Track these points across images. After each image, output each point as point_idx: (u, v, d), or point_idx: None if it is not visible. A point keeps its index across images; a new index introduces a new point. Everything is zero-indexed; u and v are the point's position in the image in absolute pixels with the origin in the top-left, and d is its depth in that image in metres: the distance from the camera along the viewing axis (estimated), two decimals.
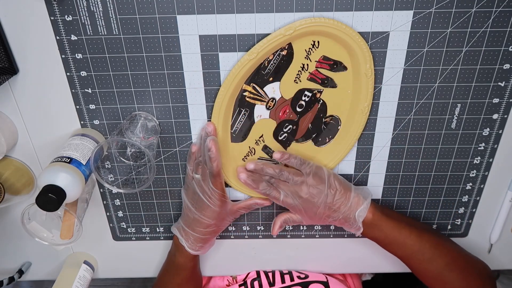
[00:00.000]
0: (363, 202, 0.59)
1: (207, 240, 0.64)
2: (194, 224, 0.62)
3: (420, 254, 0.59)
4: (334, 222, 0.60)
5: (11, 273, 0.72)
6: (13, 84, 0.56)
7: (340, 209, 0.58)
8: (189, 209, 0.61)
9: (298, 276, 0.72)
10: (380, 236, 0.60)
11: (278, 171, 0.57)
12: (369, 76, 0.55)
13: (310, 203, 0.58)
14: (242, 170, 0.59)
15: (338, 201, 0.58)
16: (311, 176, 0.57)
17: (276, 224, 0.63)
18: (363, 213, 0.58)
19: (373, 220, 0.59)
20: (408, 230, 0.59)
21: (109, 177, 0.61)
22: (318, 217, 0.60)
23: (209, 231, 0.62)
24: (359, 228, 0.59)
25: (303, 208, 0.59)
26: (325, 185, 0.58)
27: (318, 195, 0.57)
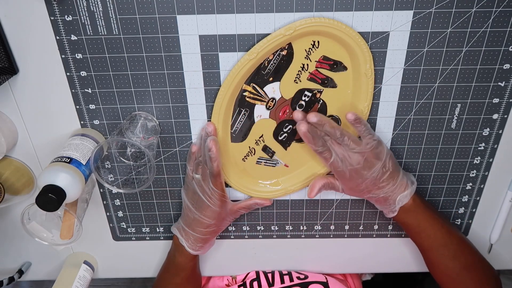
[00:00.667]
0: (408, 188, 0.58)
1: (207, 240, 0.64)
2: (194, 224, 0.62)
3: (446, 249, 0.59)
4: (373, 198, 0.60)
5: (11, 273, 0.72)
6: (13, 84, 0.56)
7: (384, 188, 0.58)
8: (189, 209, 0.61)
9: (297, 277, 0.72)
10: (413, 223, 0.60)
11: (339, 133, 0.54)
12: (369, 76, 0.55)
13: (359, 174, 0.56)
14: (303, 121, 0.53)
15: (385, 181, 0.57)
16: (371, 149, 0.55)
17: (315, 186, 0.60)
18: (405, 198, 0.58)
19: (411, 206, 0.59)
20: (441, 222, 0.60)
21: (109, 177, 0.61)
22: (360, 189, 0.58)
23: (209, 231, 0.62)
24: (394, 211, 0.59)
25: (349, 176, 0.57)
26: (381, 162, 0.56)
27: (369, 169, 0.56)
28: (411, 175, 0.61)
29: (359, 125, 0.54)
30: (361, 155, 0.55)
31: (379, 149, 0.56)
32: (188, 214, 0.62)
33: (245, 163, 0.63)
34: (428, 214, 0.60)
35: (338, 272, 0.77)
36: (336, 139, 0.55)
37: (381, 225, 0.70)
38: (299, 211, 0.68)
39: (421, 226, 0.60)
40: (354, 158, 0.55)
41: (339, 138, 0.54)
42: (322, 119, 0.53)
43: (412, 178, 0.60)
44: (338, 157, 0.56)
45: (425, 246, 0.61)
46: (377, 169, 0.56)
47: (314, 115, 0.53)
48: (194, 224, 0.62)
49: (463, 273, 0.60)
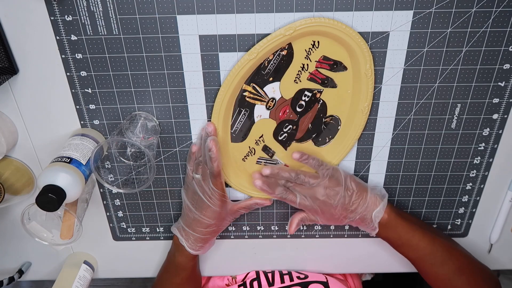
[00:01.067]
0: (380, 202, 0.59)
1: (207, 240, 0.64)
2: (194, 224, 0.62)
3: (432, 257, 0.60)
4: (351, 222, 0.61)
5: (11, 273, 0.72)
6: (13, 84, 0.56)
7: (357, 210, 0.59)
8: (189, 209, 0.61)
9: (297, 277, 0.72)
10: (394, 237, 0.61)
11: (295, 175, 0.58)
12: (369, 76, 0.55)
13: (327, 204, 0.58)
14: (258, 177, 0.59)
15: (355, 202, 0.58)
16: (328, 178, 0.58)
17: (293, 223, 0.63)
18: (380, 213, 0.59)
19: (389, 221, 0.59)
20: (422, 232, 0.60)
21: (109, 177, 0.61)
22: (335, 218, 0.60)
23: (209, 231, 0.62)
24: (375, 228, 0.60)
25: (320, 210, 0.59)
26: (342, 187, 0.58)
27: (334, 197, 0.58)
28: (381, 189, 0.62)
29: (307, 161, 0.58)
30: (322, 187, 0.58)
31: (336, 175, 0.59)
32: (188, 214, 0.62)
33: (245, 163, 0.63)
34: (407, 226, 0.60)
35: (338, 272, 0.77)
36: (295, 181, 0.58)
37: None
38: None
39: (402, 239, 0.60)
40: (317, 192, 0.58)
41: (297, 180, 0.58)
42: (274, 170, 0.58)
43: (382, 192, 0.61)
44: (303, 196, 0.58)
45: (411, 257, 0.62)
46: (341, 194, 0.58)
47: (266, 168, 0.58)
48: (194, 224, 0.62)
49: (455, 277, 0.60)
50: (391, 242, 0.62)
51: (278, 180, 0.59)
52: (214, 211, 0.60)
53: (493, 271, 0.98)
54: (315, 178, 0.58)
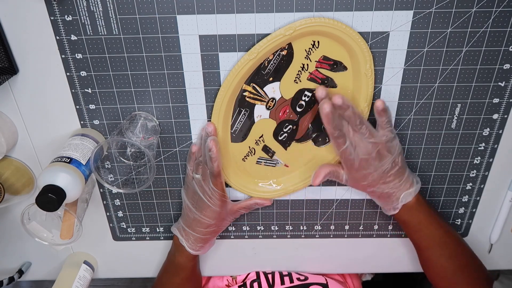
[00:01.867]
0: (413, 186, 0.58)
1: (207, 240, 0.64)
2: (194, 224, 0.62)
3: (443, 248, 0.60)
4: (377, 193, 0.59)
5: (11, 273, 0.72)
6: (13, 84, 0.56)
7: (390, 184, 0.57)
8: (189, 209, 0.61)
9: (297, 278, 0.72)
10: (414, 221, 0.60)
11: (360, 120, 0.53)
12: (369, 76, 0.55)
13: (368, 164, 0.56)
14: (327, 101, 0.52)
15: (392, 176, 0.57)
16: (385, 142, 0.55)
17: (320, 174, 0.58)
18: (409, 196, 0.58)
19: (415, 204, 0.59)
20: (440, 222, 0.60)
21: (109, 177, 0.60)
22: (365, 181, 0.57)
23: (210, 231, 0.62)
24: (396, 209, 0.59)
25: (358, 166, 0.56)
26: (392, 156, 0.56)
27: (379, 161, 0.55)
28: (416, 175, 0.61)
29: (383, 115, 0.54)
30: (374, 146, 0.54)
31: (393, 143, 0.56)
32: (188, 214, 0.62)
33: (245, 163, 0.63)
34: (429, 213, 0.60)
35: (338, 272, 0.77)
36: (355, 126, 0.54)
37: (381, 225, 0.70)
38: (299, 211, 0.68)
39: (421, 225, 0.60)
40: (367, 148, 0.54)
41: (357, 126, 0.53)
42: (347, 103, 0.52)
43: (417, 178, 0.60)
44: (351, 145, 0.54)
45: (423, 245, 0.61)
46: (387, 162, 0.56)
47: (340, 97, 0.51)
48: (194, 224, 0.62)
49: (457, 273, 0.60)
50: (409, 226, 0.61)
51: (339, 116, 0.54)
52: (214, 211, 0.60)
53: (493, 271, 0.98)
54: (374, 134, 0.54)
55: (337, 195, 0.66)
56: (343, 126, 0.54)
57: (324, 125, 0.53)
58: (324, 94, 0.53)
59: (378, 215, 0.69)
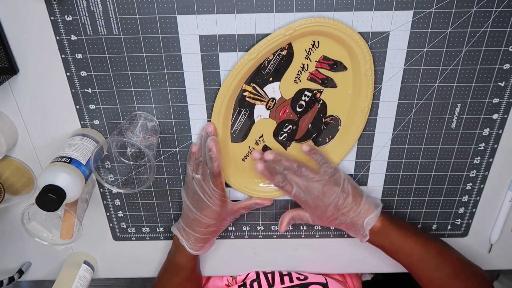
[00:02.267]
0: (374, 211, 0.59)
1: (208, 240, 0.64)
2: (194, 224, 0.62)
3: (425, 262, 0.60)
4: (341, 225, 0.61)
5: (11, 273, 0.72)
6: (13, 84, 0.56)
7: (349, 214, 0.59)
8: (189, 209, 0.61)
9: (297, 278, 0.72)
10: (386, 244, 0.61)
11: (296, 166, 0.57)
12: (369, 76, 0.55)
13: (321, 201, 0.58)
14: (260, 160, 0.57)
15: (348, 205, 0.58)
16: (328, 177, 0.58)
17: (284, 220, 0.63)
18: (372, 221, 0.59)
19: (381, 229, 0.59)
20: (415, 238, 0.60)
21: (109, 177, 0.60)
22: (326, 217, 0.59)
23: (210, 231, 0.62)
24: (366, 236, 0.60)
25: (313, 205, 0.58)
26: (339, 187, 0.58)
27: (330, 196, 0.57)
28: (376, 198, 0.62)
29: (314, 155, 0.58)
30: (320, 183, 0.57)
31: (336, 176, 0.58)
32: (188, 214, 0.62)
33: (245, 163, 0.63)
34: (400, 233, 0.60)
35: (338, 272, 0.77)
36: (295, 172, 0.57)
37: None
38: None
39: (395, 246, 0.61)
40: (314, 187, 0.57)
41: (297, 170, 0.57)
42: (277, 156, 0.57)
43: (377, 201, 0.61)
44: (299, 188, 0.58)
45: (405, 263, 0.62)
46: (337, 194, 0.58)
47: (270, 153, 0.57)
48: (194, 224, 0.62)
49: (450, 281, 0.60)
50: (384, 249, 0.62)
51: (278, 167, 0.58)
52: (214, 211, 0.60)
53: (493, 271, 0.98)
54: (315, 173, 0.58)
55: None
56: (286, 175, 0.58)
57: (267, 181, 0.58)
58: (258, 156, 0.58)
59: None
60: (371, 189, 0.66)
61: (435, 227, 0.70)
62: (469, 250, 0.71)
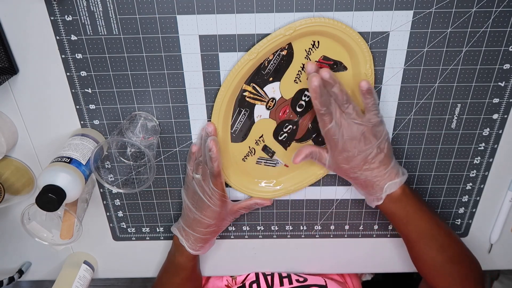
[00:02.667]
0: (399, 177, 0.56)
1: (208, 240, 0.64)
2: (194, 224, 0.62)
3: (433, 241, 0.58)
4: (358, 180, 0.57)
5: (11, 273, 0.72)
6: (13, 84, 0.56)
7: (373, 171, 0.55)
8: (189, 209, 0.61)
9: (296, 280, 0.72)
10: (401, 214, 0.58)
11: (346, 99, 0.52)
12: (369, 76, 0.55)
13: (352, 146, 0.54)
14: (316, 74, 0.51)
15: (376, 162, 0.55)
16: (371, 125, 0.53)
17: (302, 153, 0.58)
18: (393, 187, 0.56)
19: (400, 196, 0.57)
20: (430, 214, 0.58)
21: (109, 177, 0.61)
22: (350, 164, 0.56)
23: (210, 231, 0.62)
24: (380, 199, 0.57)
25: (341, 147, 0.54)
26: (377, 140, 0.54)
27: (364, 145, 0.54)
28: (403, 168, 0.59)
29: (369, 97, 0.53)
30: (360, 128, 0.53)
31: (380, 128, 0.54)
32: (188, 214, 0.62)
33: (245, 163, 0.63)
34: (417, 205, 0.58)
35: (338, 272, 0.77)
36: (341, 104, 0.53)
37: (381, 225, 0.70)
38: (299, 211, 0.68)
39: (409, 217, 0.58)
40: (352, 129, 0.53)
41: (344, 104, 0.52)
42: (334, 78, 0.51)
43: (403, 170, 0.58)
44: (336, 125, 0.53)
45: (412, 238, 0.59)
46: (372, 146, 0.54)
47: (327, 71, 0.51)
48: (194, 224, 0.62)
49: (448, 265, 0.58)
50: (395, 218, 0.59)
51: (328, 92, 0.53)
52: (214, 211, 0.60)
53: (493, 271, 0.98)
54: (360, 116, 0.53)
55: (337, 195, 0.66)
56: (330, 104, 0.53)
57: (312, 100, 0.53)
58: (313, 69, 0.52)
59: (378, 215, 0.69)
60: None
61: None
62: None
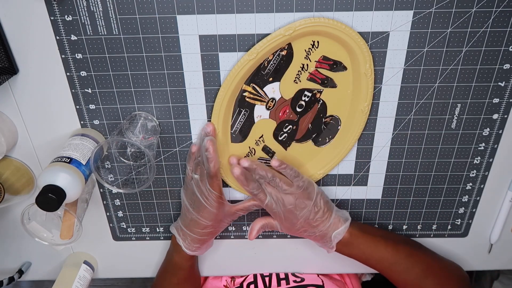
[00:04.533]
0: (342, 224, 0.60)
1: (205, 241, 0.64)
2: (191, 224, 0.62)
3: (397, 265, 0.61)
4: (310, 237, 0.62)
5: (11, 273, 0.72)
6: (13, 84, 0.56)
7: (318, 227, 0.60)
8: (187, 210, 0.61)
9: (294, 280, 0.72)
10: (357, 254, 0.62)
11: (271, 176, 0.57)
12: (369, 76, 0.55)
13: (292, 214, 0.58)
14: (236, 165, 0.57)
15: (318, 219, 0.59)
16: (301, 190, 0.58)
17: (254, 229, 0.63)
18: (339, 235, 0.60)
19: (350, 239, 0.60)
20: (384, 244, 0.61)
21: (109, 177, 0.61)
22: (295, 228, 0.60)
23: (206, 232, 0.62)
24: (332, 248, 0.61)
25: (284, 217, 0.59)
26: (311, 202, 0.58)
27: (302, 209, 0.58)
28: (345, 212, 0.62)
29: (285, 170, 0.57)
30: (293, 196, 0.58)
31: (310, 189, 0.59)
32: (186, 214, 0.62)
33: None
34: (369, 241, 0.61)
35: (338, 272, 0.77)
36: (269, 182, 0.57)
37: (381, 225, 0.70)
38: None
39: (366, 254, 0.61)
40: (286, 199, 0.58)
41: (271, 181, 0.57)
42: (253, 164, 0.56)
43: (346, 215, 0.62)
44: (272, 199, 0.58)
45: (378, 268, 0.63)
46: (309, 208, 0.58)
47: (245, 161, 0.56)
48: (192, 224, 0.62)
49: (422, 280, 0.61)
50: (356, 257, 0.63)
51: (254, 175, 0.58)
52: (210, 212, 0.60)
53: (493, 271, 0.98)
54: (289, 185, 0.58)
55: (337, 195, 0.66)
56: (260, 184, 0.58)
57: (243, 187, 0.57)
58: (235, 162, 0.57)
59: (378, 215, 0.69)
60: (371, 189, 0.66)
61: (435, 227, 0.70)
62: (469, 250, 0.71)
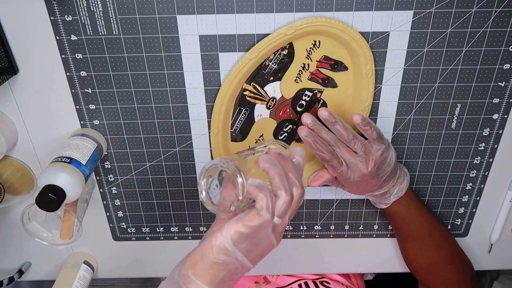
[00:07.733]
0: (404, 180, 0.58)
1: None
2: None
3: (431, 240, 0.60)
4: (373, 195, 0.59)
5: (11, 273, 0.72)
6: (13, 84, 0.56)
7: (386, 186, 0.57)
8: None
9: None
10: (404, 213, 0.60)
11: (352, 135, 0.48)
12: (370, 76, 0.55)
13: (368, 181, 0.53)
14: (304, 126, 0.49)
15: (386, 181, 0.56)
16: (380, 156, 0.51)
17: (323, 177, 0.56)
18: (401, 191, 0.57)
19: (405, 196, 0.58)
20: (427, 213, 0.61)
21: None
22: (365, 192, 0.57)
23: None
24: (388, 203, 0.59)
25: (356, 185, 0.54)
26: (390, 167, 0.53)
27: (378, 177, 0.53)
28: (403, 166, 0.60)
29: (367, 128, 0.49)
30: (373, 162, 0.51)
31: (388, 152, 0.52)
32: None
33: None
34: (417, 204, 0.60)
35: (338, 272, 0.77)
36: (347, 143, 0.50)
37: (381, 225, 0.70)
38: (299, 211, 0.68)
39: (411, 216, 0.60)
40: (365, 166, 0.51)
41: (350, 142, 0.49)
42: (335, 116, 0.49)
43: (405, 170, 0.60)
44: (347, 166, 0.51)
45: (412, 236, 0.61)
46: (386, 174, 0.54)
47: (325, 110, 0.48)
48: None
49: (443, 265, 0.60)
50: (398, 218, 0.60)
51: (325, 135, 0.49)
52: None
53: (493, 271, 0.98)
54: (368, 150, 0.50)
55: (337, 195, 0.66)
56: (334, 148, 0.51)
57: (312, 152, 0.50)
58: (309, 122, 0.50)
59: (378, 215, 0.69)
60: None
61: None
62: (469, 250, 0.71)
